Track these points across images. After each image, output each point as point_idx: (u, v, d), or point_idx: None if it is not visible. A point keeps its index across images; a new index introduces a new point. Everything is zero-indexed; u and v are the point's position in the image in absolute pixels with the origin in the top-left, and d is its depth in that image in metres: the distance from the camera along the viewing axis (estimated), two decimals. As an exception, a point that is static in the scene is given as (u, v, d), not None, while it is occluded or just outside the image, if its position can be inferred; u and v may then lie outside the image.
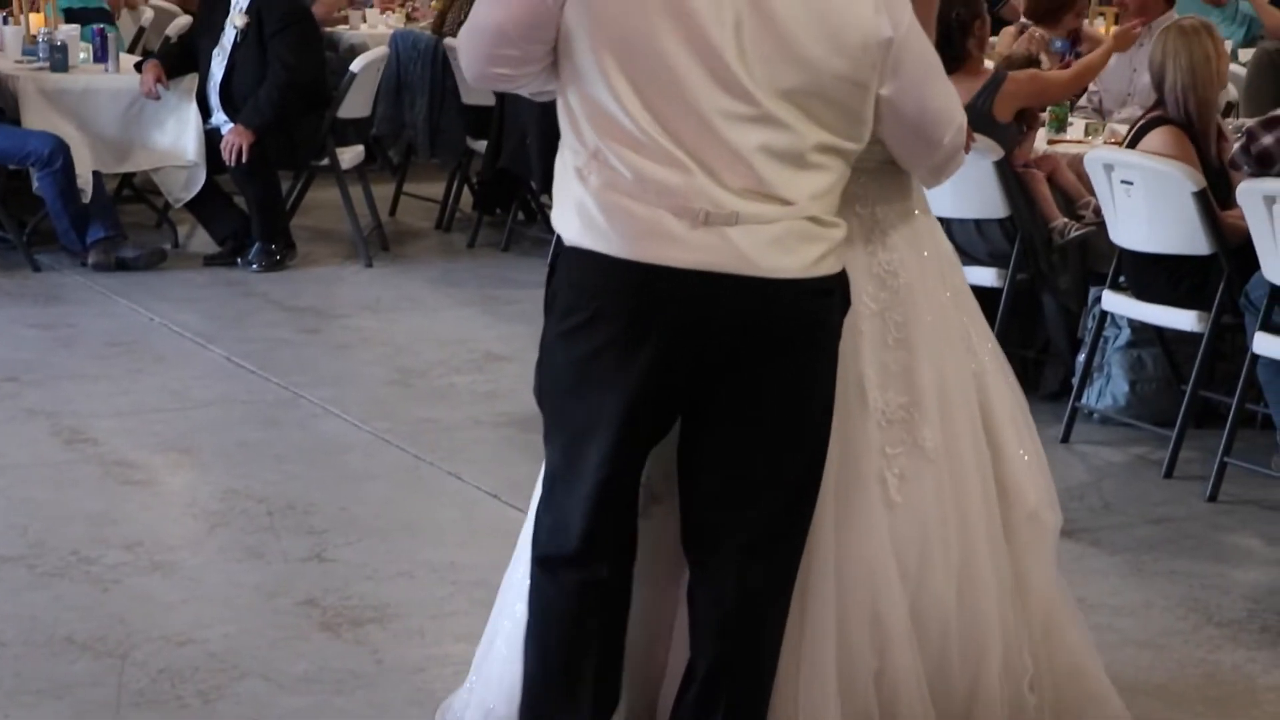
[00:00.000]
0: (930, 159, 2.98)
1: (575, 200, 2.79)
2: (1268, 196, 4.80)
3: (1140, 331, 5.69)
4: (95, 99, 7.78)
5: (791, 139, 2.74)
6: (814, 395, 2.88)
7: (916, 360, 3.04)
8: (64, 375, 6.11)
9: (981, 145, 5.63)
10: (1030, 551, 3.22)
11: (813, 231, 2.79)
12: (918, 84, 2.87)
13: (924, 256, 3.10)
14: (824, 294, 2.83)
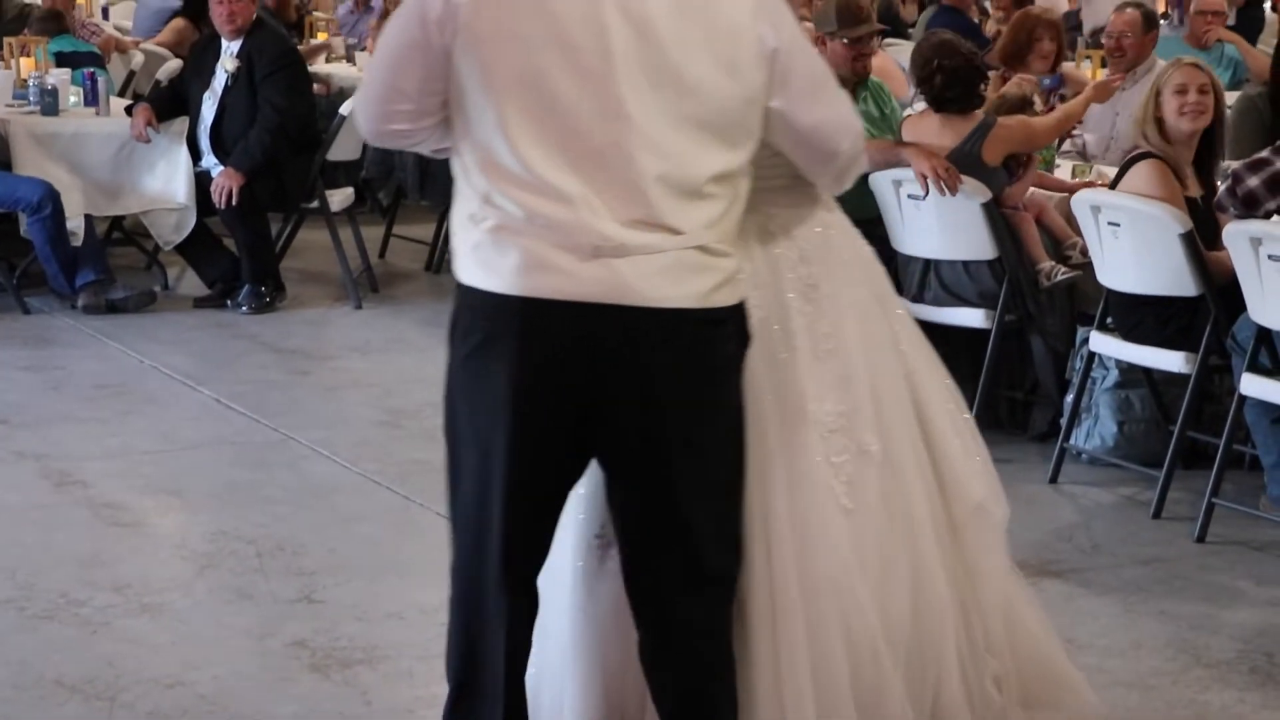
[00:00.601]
0: (830, 168, 2.99)
1: (470, 244, 2.82)
2: (1254, 238, 4.82)
3: (1128, 372, 5.70)
4: (86, 142, 7.80)
5: (686, 167, 2.75)
6: (715, 427, 2.86)
7: (849, 368, 3.08)
8: (54, 417, 6.11)
9: (969, 187, 5.67)
10: (980, 544, 3.26)
11: (703, 262, 2.78)
12: (808, 94, 2.87)
13: (842, 263, 3.14)
14: (714, 324, 2.82)
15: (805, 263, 3.09)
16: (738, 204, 2.85)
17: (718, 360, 2.85)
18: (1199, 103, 5.34)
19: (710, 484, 2.88)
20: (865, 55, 6.44)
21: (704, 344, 2.81)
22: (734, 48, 2.75)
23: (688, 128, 2.73)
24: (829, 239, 3.13)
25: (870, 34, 6.47)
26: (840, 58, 6.37)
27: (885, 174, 5.85)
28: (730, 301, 2.84)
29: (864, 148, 3.01)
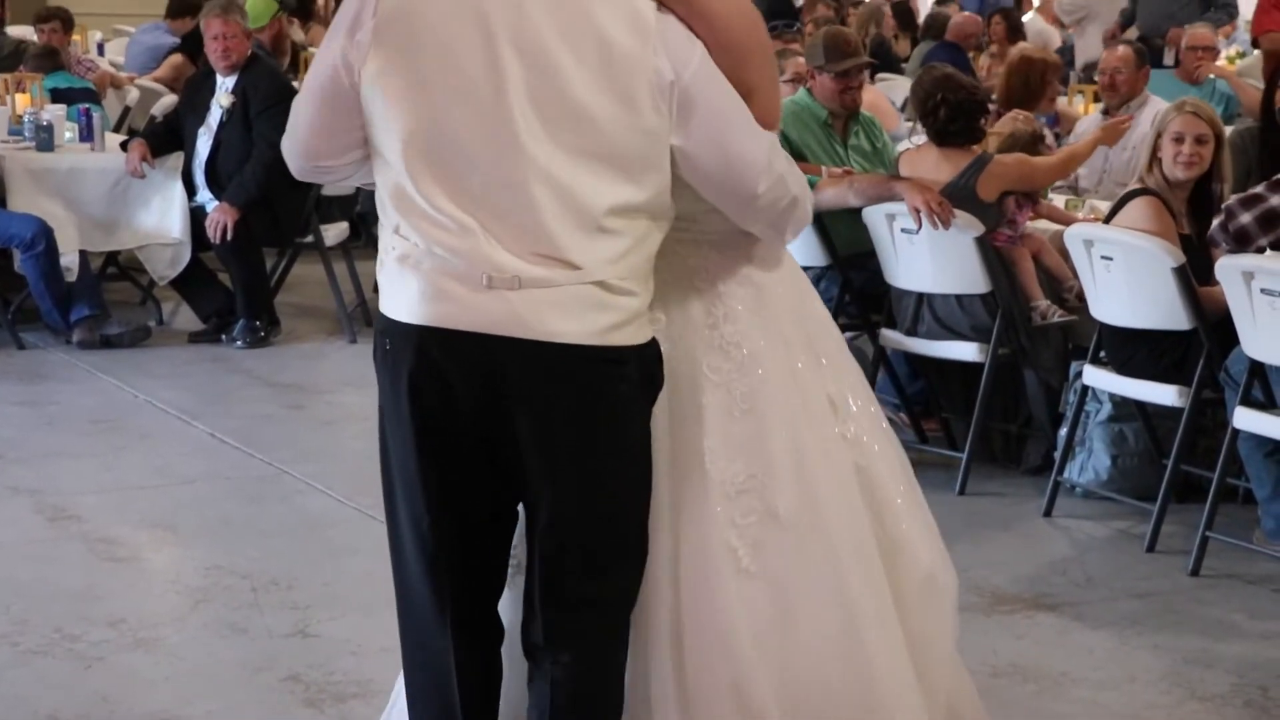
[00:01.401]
0: (750, 213, 2.88)
1: (383, 273, 2.86)
2: (1246, 272, 4.84)
3: (1121, 406, 5.72)
4: (81, 178, 7.82)
5: (583, 200, 2.72)
6: (608, 466, 2.81)
7: (766, 428, 2.96)
8: (48, 452, 6.11)
9: (962, 220, 5.69)
10: (927, 616, 3.12)
11: (602, 299, 2.74)
12: (714, 132, 2.77)
13: (774, 322, 3.01)
14: (612, 363, 2.77)
15: (730, 320, 2.98)
16: (647, 242, 2.79)
17: (613, 399, 2.79)
18: (1194, 154, 5.39)
19: (594, 518, 2.82)
20: (853, 88, 6.48)
21: (599, 381, 2.77)
22: (628, 79, 2.70)
23: (584, 160, 2.71)
24: (763, 297, 3.01)
25: (858, 67, 6.51)
26: (829, 91, 6.42)
27: (878, 208, 5.87)
28: (632, 341, 2.79)
29: (799, 195, 2.89)
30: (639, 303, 2.79)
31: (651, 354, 2.85)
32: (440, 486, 2.86)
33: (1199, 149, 5.40)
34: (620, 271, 2.76)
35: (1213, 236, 5.12)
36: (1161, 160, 5.43)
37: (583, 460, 2.80)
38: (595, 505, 2.83)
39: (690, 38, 2.75)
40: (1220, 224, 5.03)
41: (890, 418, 6.38)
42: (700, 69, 2.75)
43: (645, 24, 2.72)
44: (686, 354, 2.94)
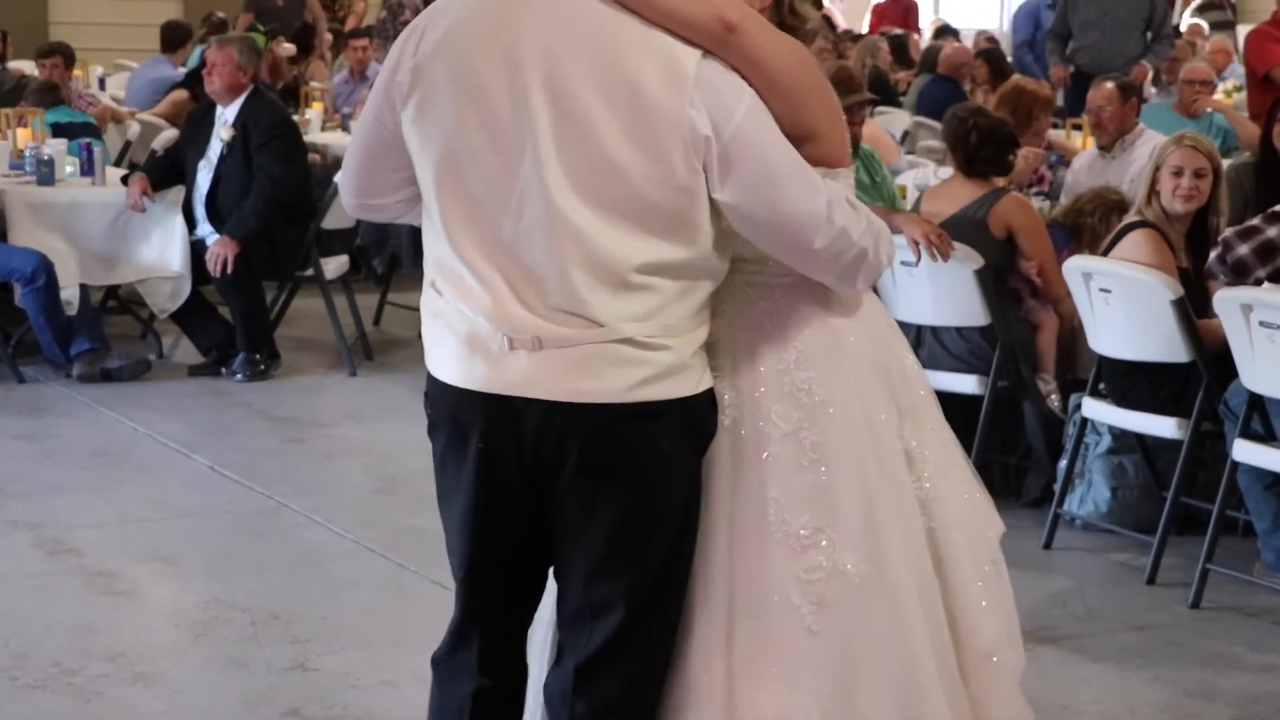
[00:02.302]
0: (812, 265, 2.78)
1: (425, 329, 2.86)
2: (1245, 305, 4.85)
3: (1121, 438, 5.72)
4: (82, 212, 7.84)
5: (609, 256, 2.65)
6: (638, 523, 2.74)
7: (836, 481, 2.84)
8: (47, 486, 6.11)
9: (961, 253, 5.70)
10: (988, 693, 2.98)
11: (627, 355, 2.67)
12: (762, 187, 2.67)
13: (844, 373, 2.89)
14: (646, 418, 2.70)
15: (801, 366, 2.86)
16: (688, 298, 2.72)
17: (646, 455, 2.72)
18: (1193, 187, 5.41)
19: (618, 574, 2.77)
20: (856, 123, 6.50)
21: (628, 438, 2.71)
22: (659, 133, 2.62)
23: (611, 214, 2.64)
24: (838, 344, 2.89)
25: (862, 103, 6.55)
26: (834, 125, 6.43)
27: (877, 241, 5.87)
28: (668, 395, 2.70)
29: (868, 246, 2.78)
30: (673, 356, 2.71)
31: (699, 405, 2.76)
32: (473, 538, 2.84)
33: (1198, 182, 5.43)
34: (650, 330, 2.68)
35: (1211, 269, 5.13)
36: (1160, 193, 5.45)
37: (611, 518, 2.73)
38: (620, 562, 2.76)
39: (738, 86, 2.67)
40: (1218, 256, 5.04)
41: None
42: (747, 120, 2.66)
43: (683, 74, 2.63)
44: (753, 401, 2.84)
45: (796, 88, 2.74)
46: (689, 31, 2.65)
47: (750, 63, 2.68)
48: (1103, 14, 10.54)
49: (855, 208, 2.79)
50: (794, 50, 2.77)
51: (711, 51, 2.67)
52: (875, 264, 2.82)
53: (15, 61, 12.20)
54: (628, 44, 2.64)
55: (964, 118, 6.13)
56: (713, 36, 2.66)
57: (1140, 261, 5.32)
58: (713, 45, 2.66)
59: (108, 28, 15.47)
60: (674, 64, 2.64)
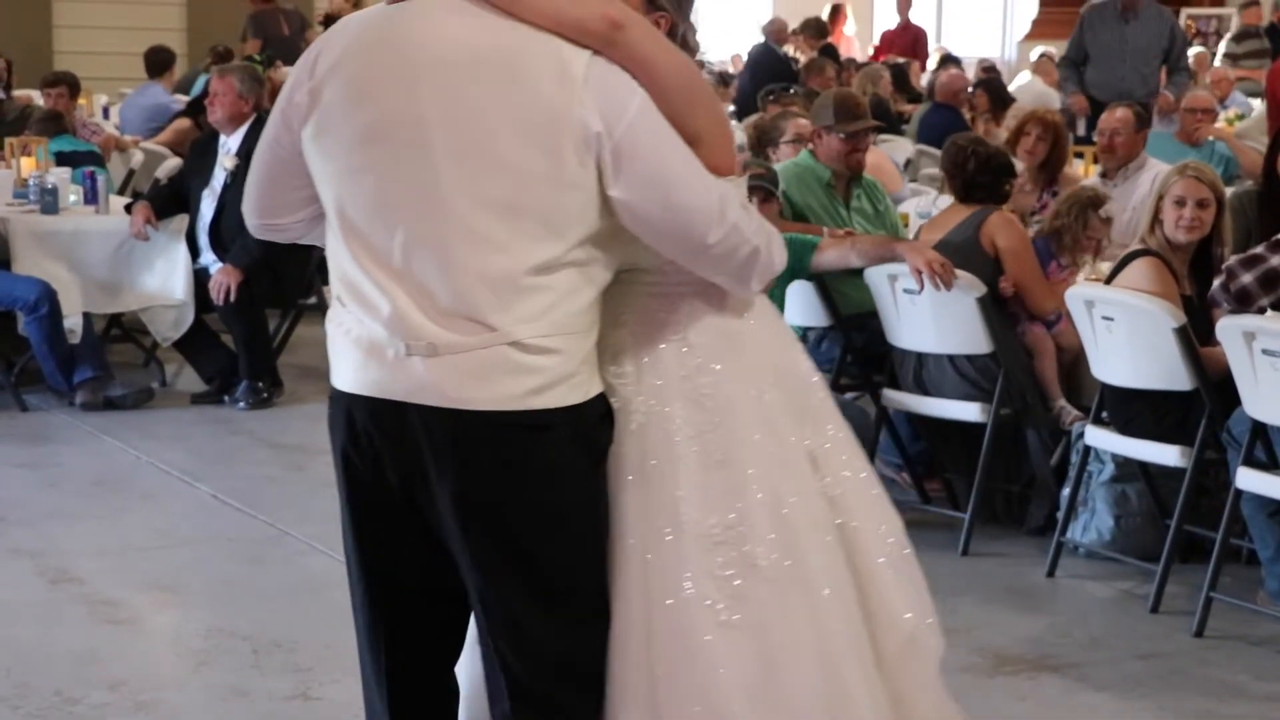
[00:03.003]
0: (706, 263, 2.81)
1: (329, 343, 2.90)
2: (1247, 333, 4.85)
3: (1124, 466, 5.71)
4: (85, 240, 7.85)
5: (505, 258, 2.68)
6: (535, 536, 2.74)
7: (743, 478, 2.88)
8: (50, 514, 6.10)
9: (964, 281, 5.71)
10: (909, 678, 3.03)
11: (520, 362, 2.69)
12: (655, 182, 2.70)
13: (750, 373, 2.94)
14: (535, 429, 2.71)
15: (703, 372, 2.90)
16: (575, 297, 2.74)
17: (538, 466, 2.73)
18: (1195, 218, 5.42)
19: (537, 593, 2.76)
20: (861, 150, 6.53)
21: (520, 449, 2.72)
22: (550, 132, 2.66)
23: (506, 215, 2.68)
24: (737, 348, 2.94)
25: (867, 129, 6.57)
26: (836, 152, 6.46)
27: (880, 269, 5.89)
28: (559, 404, 2.72)
29: (761, 245, 2.81)
30: (562, 361, 2.73)
31: (590, 414, 2.78)
32: (375, 557, 2.88)
33: (1200, 212, 5.43)
34: (541, 329, 2.70)
35: (1214, 297, 5.13)
36: (1163, 222, 5.46)
37: (506, 531, 2.74)
38: (524, 577, 2.76)
39: (629, 84, 2.71)
40: (1221, 284, 5.04)
41: (892, 478, 6.46)
42: (639, 117, 2.70)
43: (572, 74, 2.68)
44: (659, 406, 2.88)
45: (683, 91, 2.78)
46: (576, 33, 2.70)
47: (638, 62, 2.73)
48: (1123, 42, 10.44)
49: (746, 209, 2.83)
50: (679, 55, 2.82)
51: (601, 52, 2.71)
52: (768, 264, 2.86)
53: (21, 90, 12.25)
54: (518, 49, 2.69)
55: (962, 146, 6.16)
56: (599, 36, 2.70)
57: (1143, 290, 5.33)
58: (600, 45, 2.71)
59: (112, 57, 15.53)
60: (563, 65, 2.69)
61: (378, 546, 2.88)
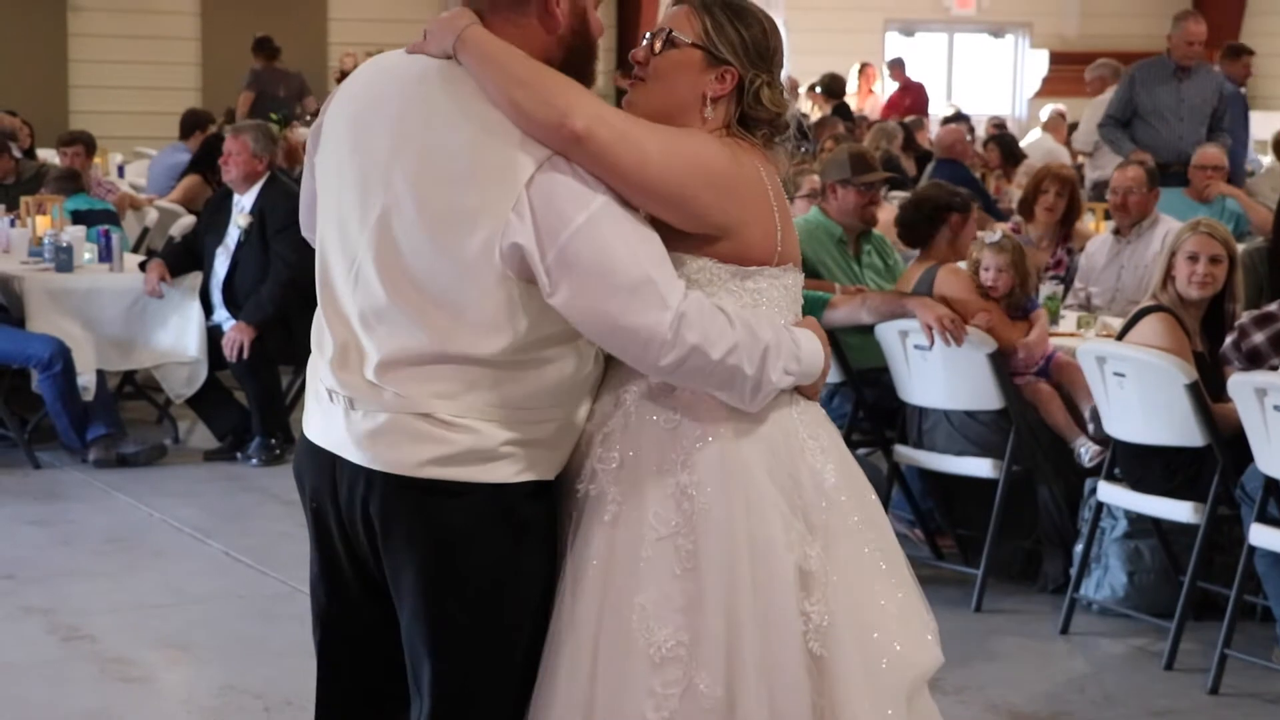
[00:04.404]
0: (675, 380, 2.69)
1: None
2: (1259, 389, 4.85)
3: (1137, 522, 5.70)
4: (99, 298, 7.89)
5: (416, 339, 2.67)
6: (445, 606, 2.72)
7: (706, 594, 2.70)
8: (62, 572, 6.11)
9: (975, 337, 5.72)
10: None
11: (425, 431, 2.67)
12: (597, 297, 2.60)
13: (732, 484, 2.73)
14: (446, 495, 2.68)
15: (687, 470, 2.73)
16: (507, 388, 2.67)
17: (442, 531, 2.70)
18: (1208, 274, 5.42)
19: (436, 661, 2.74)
20: (875, 203, 6.57)
21: (423, 513, 2.70)
22: (475, 228, 2.61)
23: (421, 301, 2.67)
24: (729, 453, 2.74)
25: (880, 181, 6.61)
26: (852, 205, 6.49)
27: (891, 324, 5.90)
28: (468, 479, 2.68)
29: (739, 364, 2.64)
30: (475, 440, 2.67)
31: (514, 491, 2.71)
32: (327, 600, 2.89)
33: (1213, 269, 5.43)
34: (457, 409, 2.67)
35: (1225, 354, 5.13)
36: (1175, 278, 5.46)
37: (416, 596, 2.74)
38: (423, 644, 2.74)
39: (583, 193, 2.60)
40: (1233, 342, 5.04)
41: (905, 534, 6.44)
42: (587, 228, 2.59)
43: (519, 175, 2.61)
44: (636, 500, 2.74)
45: (678, 191, 2.67)
46: (532, 131, 2.62)
47: (605, 169, 2.62)
48: (1179, 101, 10.13)
49: (733, 324, 2.67)
50: (675, 150, 2.68)
51: (560, 153, 2.62)
52: (760, 383, 2.70)
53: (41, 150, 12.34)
54: (475, 143, 2.64)
55: (907, 197, 6.25)
56: (557, 141, 2.62)
57: (1155, 346, 5.33)
58: (560, 149, 2.62)
59: (127, 116, 15.65)
60: (514, 164, 2.62)
61: (329, 591, 2.90)
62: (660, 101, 2.78)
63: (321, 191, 2.85)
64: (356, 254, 2.73)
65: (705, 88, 2.79)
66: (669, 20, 2.83)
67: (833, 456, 2.84)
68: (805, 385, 2.82)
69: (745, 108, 2.81)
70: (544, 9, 2.71)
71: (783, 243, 2.79)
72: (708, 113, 2.79)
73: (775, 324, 2.75)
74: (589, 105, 2.63)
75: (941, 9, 20.54)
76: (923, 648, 2.84)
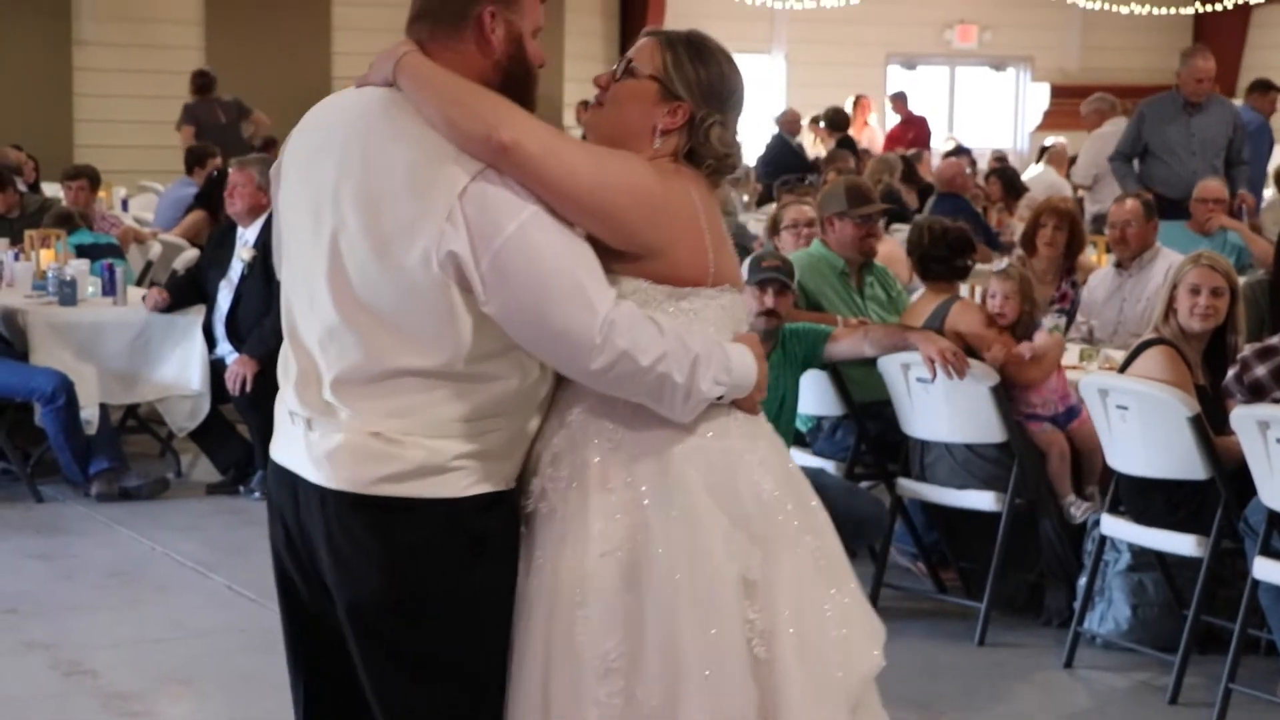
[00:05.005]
0: (605, 387, 2.75)
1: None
2: (1261, 422, 4.85)
3: (1141, 556, 5.69)
4: (103, 332, 7.90)
5: (365, 357, 2.76)
6: (392, 621, 2.78)
7: (647, 607, 2.78)
8: (64, 606, 6.10)
9: (978, 370, 5.72)
10: None
11: (376, 449, 2.75)
12: (528, 304, 2.68)
13: (672, 500, 2.81)
14: (400, 512, 2.75)
15: (630, 488, 2.81)
16: (455, 404, 2.74)
17: (397, 547, 2.76)
18: (1210, 306, 5.42)
19: (402, 672, 2.80)
20: (873, 235, 6.58)
21: (380, 531, 2.76)
22: (414, 241, 2.69)
23: (368, 318, 2.75)
24: (670, 469, 2.81)
25: (878, 213, 6.62)
26: (849, 238, 6.49)
27: (894, 357, 5.90)
28: (421, 495, 2.74)
29: (669, 371, 2.72)
30: (426, 456, 2.75)
31: (466, 506, 2.77)
32: (289, 622, 2.99)
33: (1215, 301, 5.44)
34: (406, 427, 2.75)
35: (1227, 387, 5.13)
36: (1177, 311, 5.46)
37: (373, 614, 2.79)
38: (390, 665, 2.79)
39: (514, 202, 2.70)
40: (1235, 375, 5.04)
41: (908, 566, 6.43)
42: (518, 236, 2.68)
43: (453, 186, 2.70)
44: (581, 517, 2.81)
45: (606, 206, 2.76)
46: (464, 145, 2.72)
47: (533, 180, 2.72)
48: (1189, 136, 10.11)
49: (663, 332, 2.74)
50: (603, 166, 2.77)
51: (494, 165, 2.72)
52: (690, 392, 2.77)
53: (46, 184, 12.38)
54: (416, 157, 2.74)
55: (920, 225, 6.26)
56: (486, 153, 2.71)
57: (1157, 379, 5.33)
58: (489, 160, 2.72)
59: (132, 150, 15.70)
60: (448, 176, 2.71)
61: (290, 613, 2.99)
62: (613, 126, 2.89)
63: (284, 227, 2.94)
64: (312, 280, 2.82)
65: (657, 119, 2.89)
66: (634, 50, 2.94)
67: (771, 468, 2.91)
68: (741, 399, 2.88)
69: (695, 144, 2.90)
70: (480, 35, 2.81)
71: (716, 264, 2.87)
72: (657, 143, 2.89)
73: (707, 336, 2.82)
74: (518, 119, 2.74)
75: (943, 42, 20.63)
76: (865, 653, 2.91)
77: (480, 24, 2.80)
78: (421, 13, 2.84)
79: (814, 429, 6.49)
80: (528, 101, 2.83)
